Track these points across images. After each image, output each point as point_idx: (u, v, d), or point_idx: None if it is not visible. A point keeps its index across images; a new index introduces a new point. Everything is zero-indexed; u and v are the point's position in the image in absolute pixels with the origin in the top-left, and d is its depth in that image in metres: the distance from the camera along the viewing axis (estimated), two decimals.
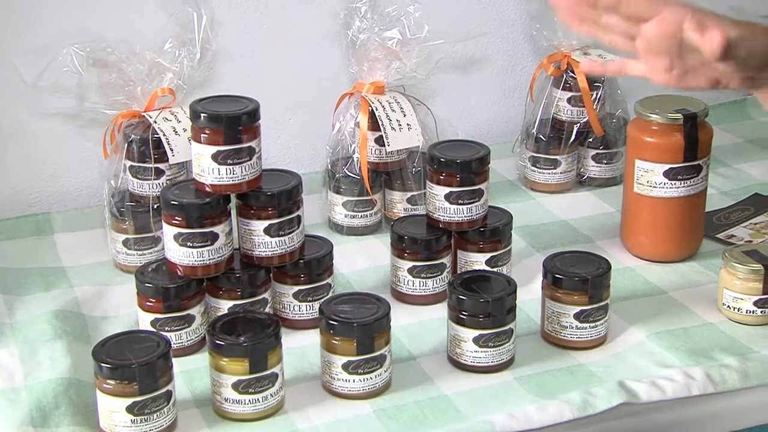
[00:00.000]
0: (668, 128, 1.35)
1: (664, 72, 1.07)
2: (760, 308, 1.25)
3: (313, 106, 1.59)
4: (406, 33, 1.44)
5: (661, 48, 1.05)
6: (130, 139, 1.37)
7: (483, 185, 1.31)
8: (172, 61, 1.37)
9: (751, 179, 1.63)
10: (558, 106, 1.60)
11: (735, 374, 1.17)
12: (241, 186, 1.20)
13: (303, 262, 1.26)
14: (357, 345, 1.11)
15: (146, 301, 1.21)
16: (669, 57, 1.05)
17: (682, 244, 1.41)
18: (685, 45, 1.03)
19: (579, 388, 1.14)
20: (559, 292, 1.21)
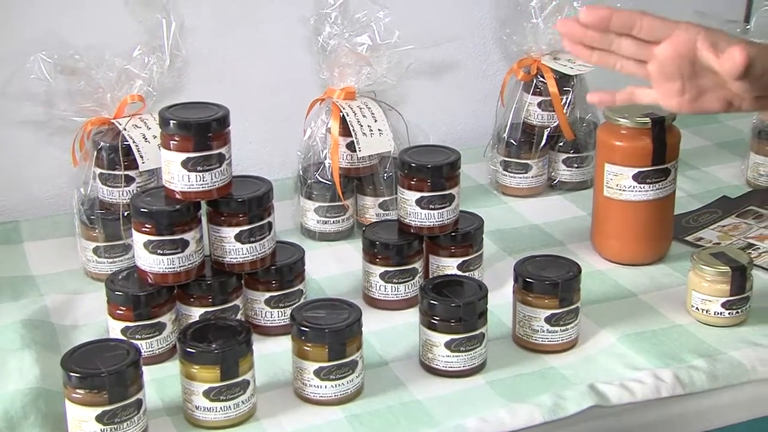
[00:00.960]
0: (637, 132, 1.36)
1: (676, 96, 1.06)
2: (727, 310, 1.25)
3: (285, 112, 1.59)
4: (376, 39, 1.44)
5: (673, 70, 1.04)
6: (100, 147, 1.36)
7: (454, 190, 1.31)
8: (141, 67, 1.37)
9: (719, 182, 1.65)
10: (528, 111, 1.61)
11: (703, 376, 1.18)
12: (211, 193, 1.20)
13: (274, 269, 1.25)
14: (329, 351, 1.11)
15: (116, 310, 1.20)
16: (681, 80, 1.05)
17: (652, 247, 1.42)
18: (697, 66, 1.03)
19: (550, 392, 1.14)
20: (530, 296, 1.21)
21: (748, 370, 1.19)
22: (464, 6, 1.69)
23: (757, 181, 1.62)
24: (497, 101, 1.64)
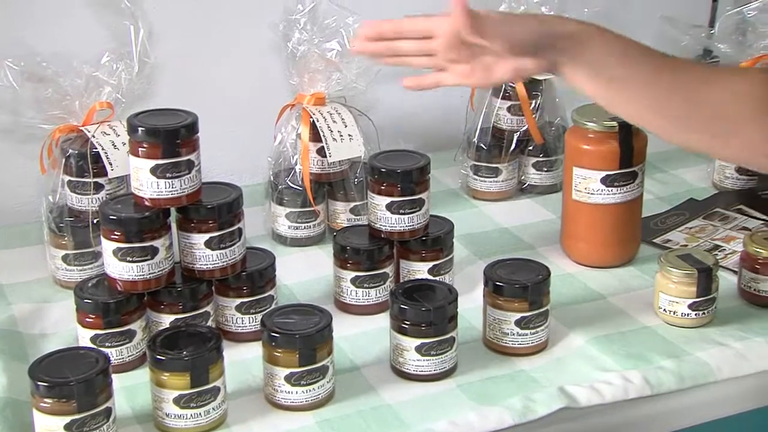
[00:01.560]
0: (604, 136, 1.36)
1: (469, 76, 1.17)
2: (694, 311, 1.26)
3: (255, 118, 1.58)
4: (345, 44, 1.44)
5: (453, 55, 1.15)
6: (68, 154, 1.35)
7: (424, 194, 1.32)
8: (109, 74, 1.36)
9: (687, 185, 1.66)
10: (498, 115, 1.62)
11: (671, 376, 1.18)
12: (180, 199, 1.20)
13: (245, 275, 1.25)
14: (299, 356, 1.11)
15: (86, 317, 1.20)
16: (465, 60, 1.15)
17: (620, 250, 1.42)
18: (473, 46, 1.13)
19: (520, 394, 1.14)
20: (500, 300, 1.22)
21: (714, 370, 1.20)
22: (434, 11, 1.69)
23: (722, 183, 1.64)
24: (467, 106, 1.64)
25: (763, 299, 1.31)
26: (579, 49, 1.12)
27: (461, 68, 1.16)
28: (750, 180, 1.60)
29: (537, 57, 1.13)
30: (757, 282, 1.31)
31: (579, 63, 1.13)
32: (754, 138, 1.11)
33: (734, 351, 1.22)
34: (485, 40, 1.11)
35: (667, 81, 1.13)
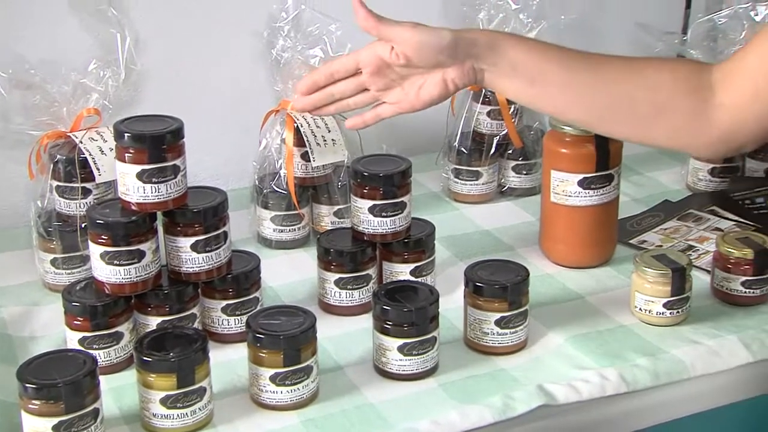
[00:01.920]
0: (581, 140, 1.36)
1: (403, 101, 1.21)
2: (668, 310, 1.26)
3: (240, 123, 1.58)
4: (328, 51, 1.44)
5: (382, 83, 1.19)
6: (56, 160, 1.34)
7: (405, 198, 1.31)
8: (97, 81, 1.36)
9: (662, 186, 1.66)
10: (478, 120, 1.62)
11: (646, 374, 1.19)
12: (166, 204, 1.19)
13: (230, 277, 1.25)
14: (283, 357, 1.10)
15: (74, 320, 1.19)
16: (396, 84, 1.19)
17: (598, 251, 1.42)
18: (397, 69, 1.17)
19: (500, 393, 1.14)
20: (480, 300, 1.22)
21: (688, 367, 1.20)
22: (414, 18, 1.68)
23: (696, 185, 1.64)
24: (448, 111, 1.64)
25: (735, 298, 1.31)
26: (497, 53, 1.15)
27: (395, 95, 1.19)
28: (722, 182, 1.61)
29: (458, 65, 1.15)
30: (729, 281, 1.31)
31: (499, 67, 1.16)
32: (675, 123, 1.15)
33: (707, 348, 1.23)
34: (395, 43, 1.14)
35: (586, 77, 1.16)
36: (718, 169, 1.61)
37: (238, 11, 1.57)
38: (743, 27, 1.56)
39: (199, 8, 1.57)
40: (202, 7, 1.57)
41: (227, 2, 1.58)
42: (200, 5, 1.57)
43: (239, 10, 1.57)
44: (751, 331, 1.26)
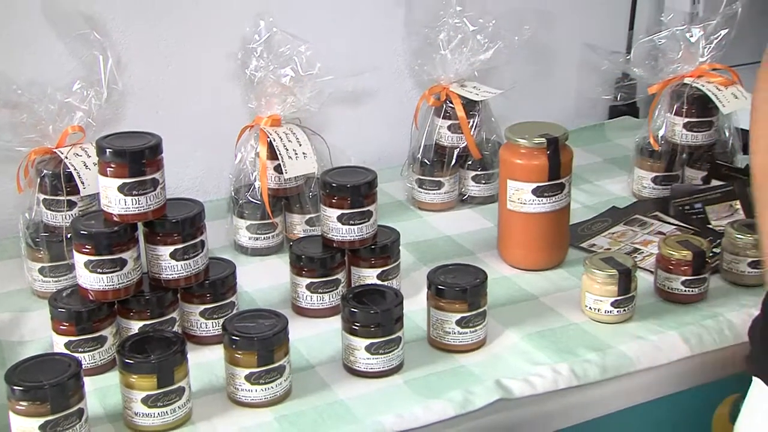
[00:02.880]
0: (534, 151, 1.37)
1: None
2: (616, 308, 1.27)
3: (217, 138, 1.57)
4: (299, 70, 1.44)
5: None
6: (43, 174, 1.33)
7: (372, 207, 1.31)
8: (81, 100, 1.35)
9: (610, 194, 1.66)
10: (439, 133, 1.61)
11: (595, 368, 1.19)
12: (146, 215, 1.18)
13: (208, 283, 1.24)
14: (258, 357, 1.10)
15: (60, 325, 1.18)
16: None
17: (551, 254, 1.43)
18: None
19: (461, 388, 1.14)
20: (442, 302, 1.21)
21: (634, 361, 1.21)
22: (380, 39, 1.70)
23: (641, 192, 1.64)
24: (411, 125, 1.64)
25: (676, 296, 1.32)
26: None
27: None
28: (664, 189, 1.61)
29: None
30: (670, 281, 1.31)
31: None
32: None
33: (651, 343, 1.23)
34: None
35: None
36: (660, 177, 1.62)
37: (214, 34, 1.56)
38: (680, 47, 1.57)
39: (177, 31, 1.56)
40: (180, 30, 1.56)
41: (203, 25, 1.57)
42: (178, 28, 1.56)
43: (215, 33, 1.56)
44: (691, 326, 1.26)
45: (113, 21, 1.49)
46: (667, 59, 1.59)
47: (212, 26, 1.57)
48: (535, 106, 1.75)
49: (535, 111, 1.69)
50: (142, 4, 1.53)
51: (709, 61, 1.57)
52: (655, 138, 1.61)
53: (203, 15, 1.56)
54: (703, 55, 1.57)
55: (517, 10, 1.70)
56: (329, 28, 1.62)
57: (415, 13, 1.66)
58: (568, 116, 1.86)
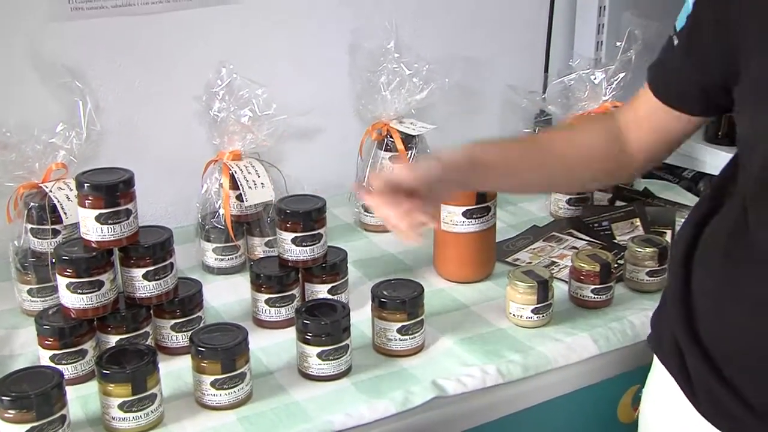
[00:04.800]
0: None
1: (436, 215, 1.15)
2: (536, 315, 1.28)
3: (185, 171, 1.55)
4: (256, 111, 1.43)
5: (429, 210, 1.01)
6: (30, 206, 1.31)
7: (321, 230, 1.31)
8: (63, 140, 1.33)
9: (531, 214, 1.67)
10: (382, 164, 1.61)
11: (518, 367, 1.20)
12: (121, 241, 1.17)
13: (177, 300, 1.23)
14: (221, 366, 1.09)
15: (45, 340, 1.16)
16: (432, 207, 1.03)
17: (480, 268, 1.43)
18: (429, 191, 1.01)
19: (401, 388, 1.14)
20: (384, 313, 1.22)
21: (551, 360, 1.22)
22: (328, 83, 1.70)
23: (557, 212, 1.65)
24: (357, 157, 1.64)
25: (587, 303, 1.33)
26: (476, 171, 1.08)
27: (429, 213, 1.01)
28: (577, 209, 1.62)
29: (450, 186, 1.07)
30: (582, 289, 1.33)
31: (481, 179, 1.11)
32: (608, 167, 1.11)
33: (566, 345, 1.24)
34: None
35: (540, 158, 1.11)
36: (574, 199, 1.63)
37: (182, 80, 1.55)
38: (586, 87, 1.59)
39: (149, 78, 1.55)
40: (152, 77, 1.55)
41: (172, 73, 1.56)
42: (150, 76, 1.55)
43: (182, 79, 1.55)
44: (599, 329, 1.28)
45: (92, 70, 1.48)
46: (576, 98, 1.61)
47: (180, 73, 1.56)
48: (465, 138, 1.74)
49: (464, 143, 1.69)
50: (118, 55, 1.51)
51: (611, 99, 1.59)
52: None
53: (172, 64, 1.55)
54: (606, 94, 1.59)
55: (447, 57, 1.72)
56: (283, 73, 1.62)
57: (359, 60, 1.66)
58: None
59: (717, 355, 0.97)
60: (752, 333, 0.93)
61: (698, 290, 1.00)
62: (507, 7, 1.83)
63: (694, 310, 1.00)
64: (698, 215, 1.03)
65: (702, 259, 1.00)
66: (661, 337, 1.05)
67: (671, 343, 1.02)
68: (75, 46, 1.46)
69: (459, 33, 1.78)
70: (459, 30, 1.78)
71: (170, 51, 1.55)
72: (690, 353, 0.99)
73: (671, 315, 1.03)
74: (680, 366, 1.01)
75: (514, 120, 1.86)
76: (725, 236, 0.97)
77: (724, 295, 0.96)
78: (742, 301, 0.94)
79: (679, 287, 1.02)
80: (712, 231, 1.00)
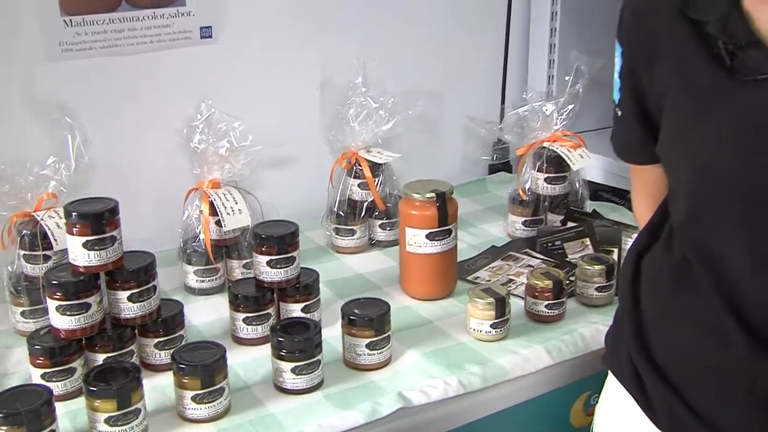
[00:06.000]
0: (426, 204, 1.38)
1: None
2: (494, 329, 1.29)
3: (168, 199, 1.55)
4: (234, 142, 1.44)
5: None
6: (23, 234, 1.31)
7: (295, 253, 1.31)
8: (54, 172, 1.33)
9: (490, 236, 1.67)
10: (351, 190, 1.62)
11: (478, 378, 1.20)
12: (107, 266, 1.17)
13: (160, 320, 1.23)
14: (201, 381, 1.09)
15: (36, 360, 1.16)
16: None
17: (443, 286, 1.43)
18: None
19: (370, 400, 1.15)
20: (354, 329, 1.22)
21: (509, 371, 1.23)
22: (301, 116, 1.71)
23: (514, 233, 1.66)
24: (328, 184, 1.65)
25: (541, 317, 1.34)
26: None
27: None
28: (532, 230, 1.64)
29: None
30: (536, 305, 1.34)
31: None
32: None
33: (522, 356, 1.25)
34: None
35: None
36: (529, 221, 1.64)
37: (164, 114, 1.56)
38: (539, 118, 1.61)
39: (134, 113, 1.55)
40: (136, 113, 1.55)
41: (155, 108, 1.56)
42: (135, 111, 1.55)
43: (165, 114, 1.56)
44: (552, 341, 1.29)
45: (81, 106, 1.47)
46: (529, 127, 1.62)
47: (162, 108, 1.56)
48: (428, 166, 1.77)
49: (428, 170, 1.70)
50: (105, 92, 1.52)
51: (561, 129, 1.61)
52: (524, 190, 1.65)
53: (155, 100, 1.56)
54: (557, 124, 1.61)
55: (411, 90, 1.73)
56: (258, 107, 1.62)
57: (329, 94, 1.67)
58: (455, 173, 1.88)
59: (671, 374, 0.97)
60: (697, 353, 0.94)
61: (647, 314, 1.01)
62: (466, 45, 1.85)
63: (645, 333, 1.01)
64: (639, 245, 1.05)
65: (646, 286, 1.02)
66: (618, 358, 1.06)
67: (628, 363, 1.02)
68: (65, 84, 1.47)
69: (422, 69, 1.80)
70: (421, 66, 1.80)
71: (153, 88, 1.55)
72: (646, 374, 1.00)
73: (625, 337, 1.03)
74: (638, 387, 1.01)
75: (474, 148, 1.88)
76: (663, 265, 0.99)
77: (671, 319, 0.98)
78: (687, 325, 0.95)
79: (629, 311, 1.03)
80: (653, 260, 1.02)
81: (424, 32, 1.79)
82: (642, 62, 0.96)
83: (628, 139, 1.05)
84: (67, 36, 1.44)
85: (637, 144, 1.03)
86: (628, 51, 0.98)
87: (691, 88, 0.90)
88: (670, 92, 0.92)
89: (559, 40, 1.84)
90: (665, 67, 0.92)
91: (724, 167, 0.86)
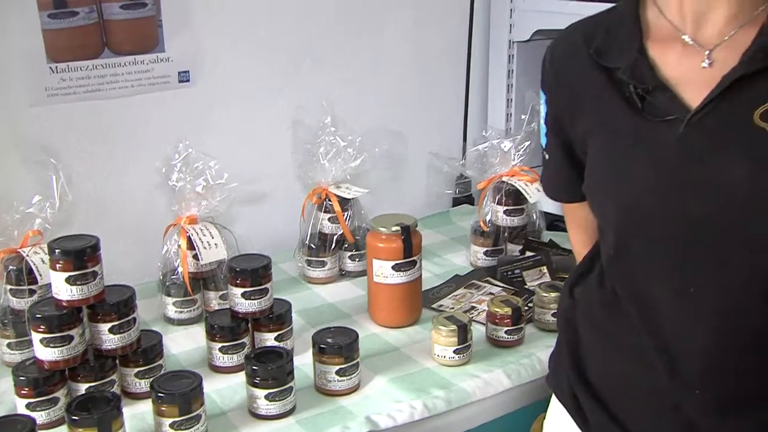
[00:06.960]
0: (392, 237, 1.40)
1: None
2: (457, 354, 1.30)
3: (148, 235, 1.56)
4: (210, 180, 1.45)
5: None
6: (9, 269, 1.32)
7: (268, 285, 1.32)
8: (39, 210, 1.34)
9: (454, 265, 1.68)
10: (322, 224, 1.63)
11: (442, 402, 1.21)
12: (89, 300, 1.18)
13: (140, 351, 1.24)
14: (179, 409, 1.10)
15: (21, 390, 1.16)
16: None
17: (408, 314, 1.44)
18: None
19: (340, 424, 1.16)
20: (324, 357, 1.23)
21: (471, 395, 1.24)
22: (273, 155, 1.72)
23: (476, 263, 1.68)
24: (300, 218, 1.66)
25: (501, 343, 1.36)
26: None
27: None
28: (493, 260, 1.65)
29: None
30: (497, 331, 1.35)
31: None
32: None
33: (483, 380, 1.26)
34: None
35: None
36: (490, 251, 1.65)
37: (144, 154, 1.57)
38: (498, 154, 1.64)
39: (115, 154, 1.56)
40: (117, 153, 1.56)
41: (135, 148, 1.57)
42: (116, 152, 1.56)
43: (144, 154, 1.57)
44: (512, 365, 1.30)
45: (65, 147, 1.49)
46: (489, 163, 1.65)
47: (142, 148, 1.57)
48: (395, 200, 1.78)
49: (394, 204, 1.73)
50: (88, 134, 1.53)
51: (519, 164, 1.64)
52: (484, 221, 1.66)
53: (135, 140, 1.57)
54: (514, 160, 1.63)
55: (377, 129, 1.76)
56: (233, 147, 1.64)
57: (300, 134, 1.69)
58: (420, 207, 1.90)
59: (605, 395, 1.00)
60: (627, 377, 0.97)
61: (583, 339, 1.04)
62: (430, 86, 1.88)
63: (581, 357, 1.04)
64: (574, 275, 1.08)
65: (582, 312, 1.05)
66: (558, 379, 1.08)
67: (566, 384, 1.05)
68: (50, 126, 1.48)
69: (387, 109, 1.83)
70: (387, 106, 1.83)
71: (134, 129, 1.57)
72: (582, 395, 1.02)
73: (564, 360, 1.06)
74: (575, 406, 1.04)
75: (437, 183, 1.90)
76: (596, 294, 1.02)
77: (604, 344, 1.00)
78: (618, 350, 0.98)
79: (568, 337, 1.06)
80: (588, 288, 1.04)
81: (389, 75, 1.82)
82: (564, 108, 1.00)
83: (557, 180, 1.08)
84: (52, 81, 1.46)
85: (565, 184, 1.06)
86: (551, 98, 1.02)
87: (610, 130, 0.93)
88: (592, 135, 0.96)
89: (516, 81, 1.88)
90: (585, 112, 0.96)
91: (645, 205, 0.89)
